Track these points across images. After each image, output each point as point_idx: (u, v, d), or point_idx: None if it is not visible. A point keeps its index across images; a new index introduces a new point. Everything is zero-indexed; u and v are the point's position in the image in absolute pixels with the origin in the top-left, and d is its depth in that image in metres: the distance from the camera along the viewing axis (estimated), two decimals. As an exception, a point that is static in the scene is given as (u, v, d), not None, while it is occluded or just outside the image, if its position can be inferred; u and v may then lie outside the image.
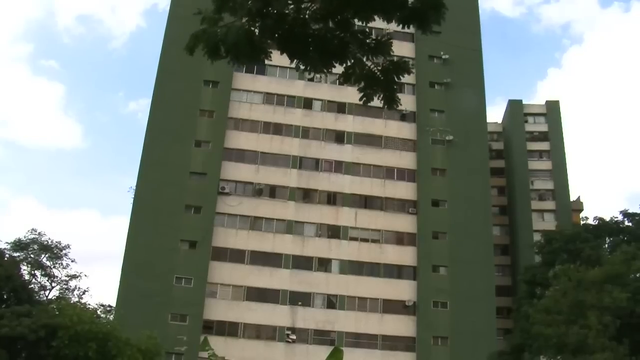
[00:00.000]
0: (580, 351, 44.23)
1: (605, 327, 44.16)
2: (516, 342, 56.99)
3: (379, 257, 70.33)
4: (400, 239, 71.74)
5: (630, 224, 57.83)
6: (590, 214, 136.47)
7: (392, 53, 9.27)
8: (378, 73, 9.31)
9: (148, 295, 62.45)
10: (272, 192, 71.39)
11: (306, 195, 71.95)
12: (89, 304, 49.75)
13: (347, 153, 73.93)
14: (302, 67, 9.04)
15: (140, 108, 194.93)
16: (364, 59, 9.16)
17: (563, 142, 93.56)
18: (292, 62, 9.05)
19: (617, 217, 58.72)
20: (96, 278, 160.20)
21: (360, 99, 9.57)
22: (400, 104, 9.73)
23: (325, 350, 53.92)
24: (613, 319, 44.40)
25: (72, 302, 48.91)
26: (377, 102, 9.83)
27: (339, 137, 74.78)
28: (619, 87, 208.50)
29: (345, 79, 9.30)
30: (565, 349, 47.10)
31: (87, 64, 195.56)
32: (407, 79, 69.03)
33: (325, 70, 8.98)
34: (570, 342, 45.62)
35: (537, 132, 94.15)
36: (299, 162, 72.75)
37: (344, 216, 71.23)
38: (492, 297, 69.66)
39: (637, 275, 48.78)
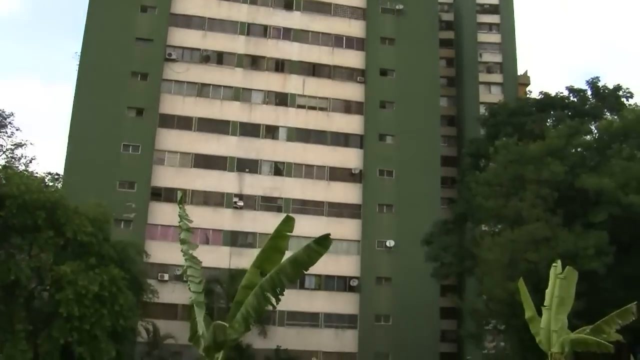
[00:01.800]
0: (517, 222, 45.84)
1: (543, 199, 45.65)
2: (459, 211, 58.54)
3: (326, 125, 70.80)
4: (347, 107, 72.11)
5: (575, 99, 58.46)
6: (537, 89, 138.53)
7: None
8: None
9: (95, 163, 62.42)
10: (220, 58, 70.60)
11: (254, 62, 71.39)
12: (36, 173, 49.06)
13: (295, 20, 72.97)
14: None
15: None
16: None
17: (513, 15, 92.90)
18: None
19: (562, 93, 59.24)
20: (42, 146, 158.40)
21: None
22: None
23: (272, 217, 55.77)
24: (551, 192, 45.83)
25: (19, 171, 48.30)
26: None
27: (288, 4, 73.55)
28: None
29: None
30: (504, 220, 48.83)
31: None
32: (357, -53, 67.17)
33: None
34: (508, 213, 47.24)
35: (488, 5, 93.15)
36: (247, 29, 71.74)
37: (292, 83, 71.09)
38: (437, 167, 71.17)
39: (578, 149, 49.98)
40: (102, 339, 45.78)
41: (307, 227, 49.09)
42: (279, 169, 69.10)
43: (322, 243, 9.26)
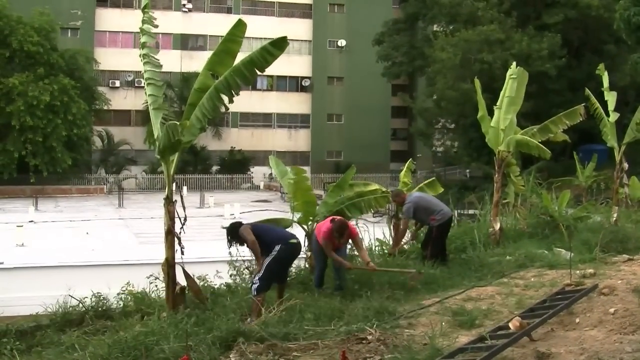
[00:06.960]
0: (471, 22, 45.84)
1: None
2: (411, 10, 58.03)
3: None
4: None
5: None
6: None
7: None
8: None
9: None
10: None
11: None
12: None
13: None
14: None
15: None
16: None
17: None
18: None
19: None
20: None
21: None
22: None
23: (222, 18, 54.76)
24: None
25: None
26: None
27: None
28: None
29: None
30: (457, 19, 48.71)
31: None
32: None
33: None
34: (463, 12, 47.12)
35: None
36: None
37: None
38: (390, -34, 69.82)
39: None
40: (58, 149, 46.31)
41: (258, 27, 48.84)
42: (227, -32, 67.34)
43: (278, 45, 9.32)
